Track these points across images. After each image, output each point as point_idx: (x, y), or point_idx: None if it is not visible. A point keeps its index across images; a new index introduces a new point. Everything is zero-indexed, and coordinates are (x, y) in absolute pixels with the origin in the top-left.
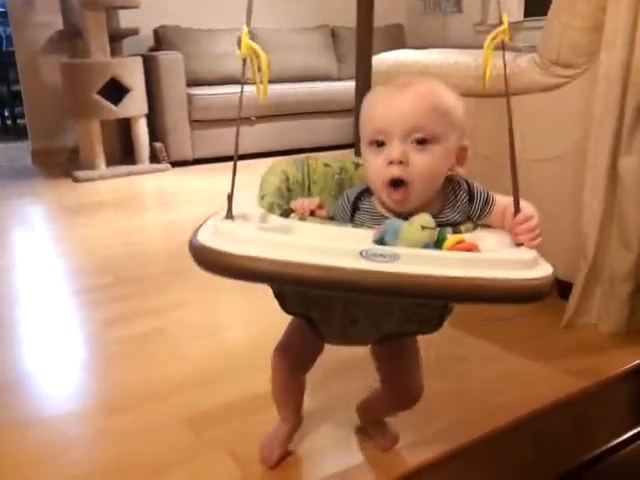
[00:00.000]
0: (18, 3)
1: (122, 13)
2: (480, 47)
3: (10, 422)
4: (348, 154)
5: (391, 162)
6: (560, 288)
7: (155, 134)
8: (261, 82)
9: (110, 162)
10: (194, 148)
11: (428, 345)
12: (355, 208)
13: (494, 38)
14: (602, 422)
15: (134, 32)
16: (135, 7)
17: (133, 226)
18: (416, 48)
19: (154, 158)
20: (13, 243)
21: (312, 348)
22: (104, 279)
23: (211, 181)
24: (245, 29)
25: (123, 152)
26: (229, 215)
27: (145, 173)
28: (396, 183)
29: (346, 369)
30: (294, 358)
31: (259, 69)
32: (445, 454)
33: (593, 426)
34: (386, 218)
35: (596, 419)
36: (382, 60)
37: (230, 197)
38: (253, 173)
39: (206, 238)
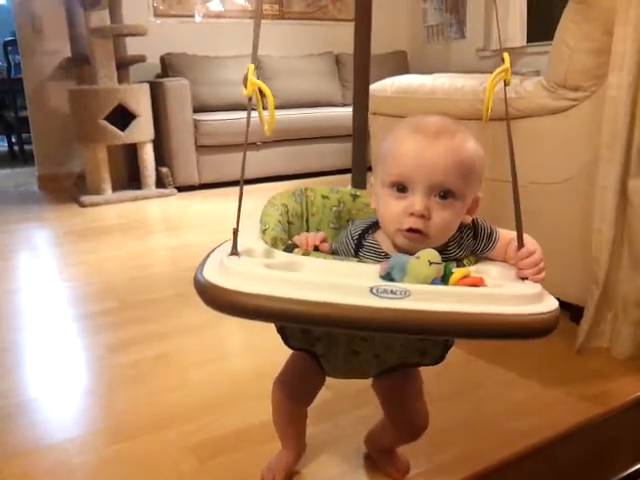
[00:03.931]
0: (27, 31)
1: (129, 40)
2: (483, 72)
3: (12, 449)
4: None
5: (412, 214)
6: (572, 312)
7: (161, 159)
8: (267, 119)
9: (116, 187)
10: (200, 173)
11: (442, 371)
12: (359, 245)
13: (496, 77)
14: (618, 449)
15: (141, 59)
16: (142, 35)
17: (139, 251)
18: (420, 74)
19: (160, 183)
20: (19, 267)
21: (313, 382)
22: (109, 304)
23: (217, 206)
24: (251, 67)
25: (129, 177)
26: (234, 251)
27: (151, 198)
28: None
29: (353, 399)
30: (295, 391)
31: (264, 107)
32: None
33: (609, 453)
34: (390, 256)
35: (611, 446)
36: (387, 85)
37: (235, 232)
38: (259, 198)
39: (212, 275)
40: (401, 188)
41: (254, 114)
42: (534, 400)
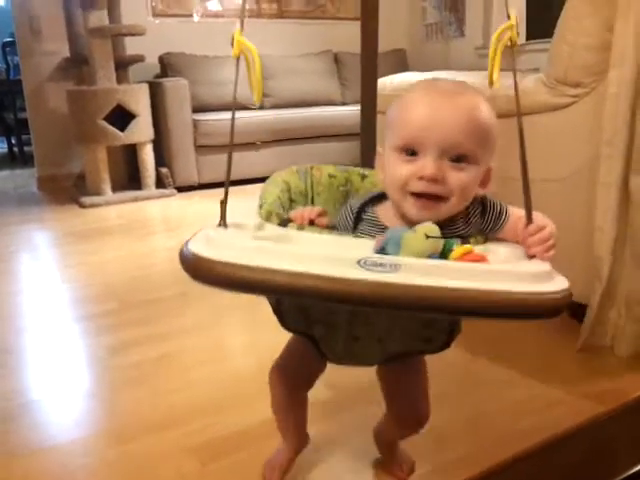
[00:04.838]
0: (26, 32)
1: (128, 40)
2: (483, 70)
3: (14, 450)
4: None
5: (422, 178)
6: (574, 310)
7: (161, 159)
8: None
9: (116, 188)
10: (199, 173)
11: (443, 371)
12: (358, 219)
13: (500, 35)
14: (621, 448)
15: (140, 59)
16: (141, 34)
17: (139, 251)
18: (419, 72)
19: (160, 183)
20: (19, 269)
21: (313, 367)
22: (109, 305)
23: (216, 206)
24: (238, 27)
25: (129, 177)
26: (222, 223)
27: (151, 198)
28: (427, 195)
29: (355, 397)
30: (293, 375)
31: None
32: None
33: (612, 452)
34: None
35: (615, 445)
36: (386, 83)
37: (223, 203)
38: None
39: (197, 246)
40: (411, 152)
41: (254, 114)
42: (535, 399)
